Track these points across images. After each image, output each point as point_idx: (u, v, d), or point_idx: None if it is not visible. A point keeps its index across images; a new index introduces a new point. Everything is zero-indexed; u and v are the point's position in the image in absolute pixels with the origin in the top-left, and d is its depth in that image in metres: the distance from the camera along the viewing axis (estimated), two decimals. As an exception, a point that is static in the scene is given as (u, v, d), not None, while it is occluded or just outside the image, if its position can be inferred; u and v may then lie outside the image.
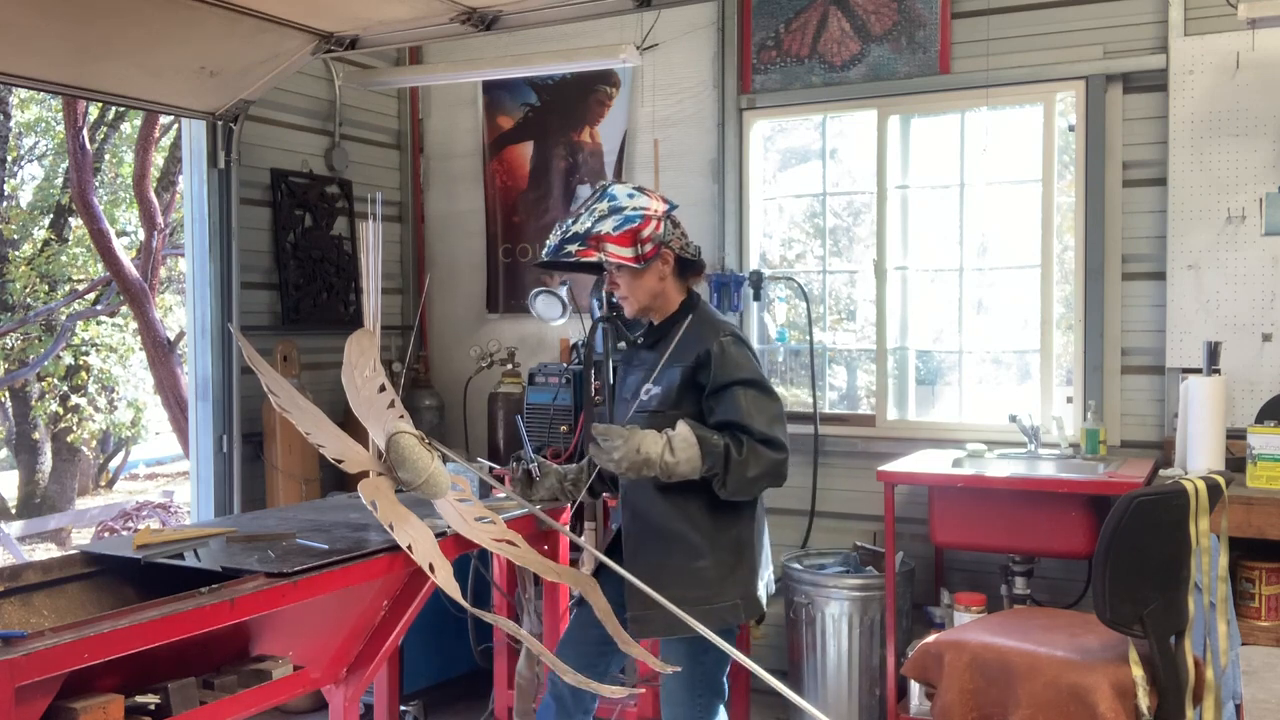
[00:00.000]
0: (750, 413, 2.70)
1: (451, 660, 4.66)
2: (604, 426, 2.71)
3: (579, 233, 2.76)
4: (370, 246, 3.01)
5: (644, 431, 2.68)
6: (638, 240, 2.75)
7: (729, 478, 2.67)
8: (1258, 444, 3.51)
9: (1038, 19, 4.32)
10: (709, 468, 2.66)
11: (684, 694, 2.82)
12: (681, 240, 2.86)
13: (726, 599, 2.78)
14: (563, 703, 2.93)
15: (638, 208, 2.76)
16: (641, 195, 2.81)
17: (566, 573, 2.70)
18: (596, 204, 2.79)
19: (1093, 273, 4.24)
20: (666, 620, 2.66)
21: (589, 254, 2.74)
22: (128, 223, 11.35)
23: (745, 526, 2.86)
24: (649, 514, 2.81)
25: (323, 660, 2.78)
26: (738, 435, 2.69)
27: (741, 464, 2.66)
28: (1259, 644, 3.42)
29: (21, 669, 1.86)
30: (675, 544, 2.78)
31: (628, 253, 2.74)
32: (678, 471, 2.65)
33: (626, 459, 2.64)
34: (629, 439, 2.66)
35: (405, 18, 3.96)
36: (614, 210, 2.75)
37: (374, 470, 2.75)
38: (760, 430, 2.69)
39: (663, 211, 2.81)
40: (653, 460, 2.64)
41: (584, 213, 2.79)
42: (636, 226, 2.74)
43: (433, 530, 2.65)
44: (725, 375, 2.73)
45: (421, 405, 5.19)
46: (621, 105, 5.09)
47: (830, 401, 4.89)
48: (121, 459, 13.07)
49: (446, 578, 2.53)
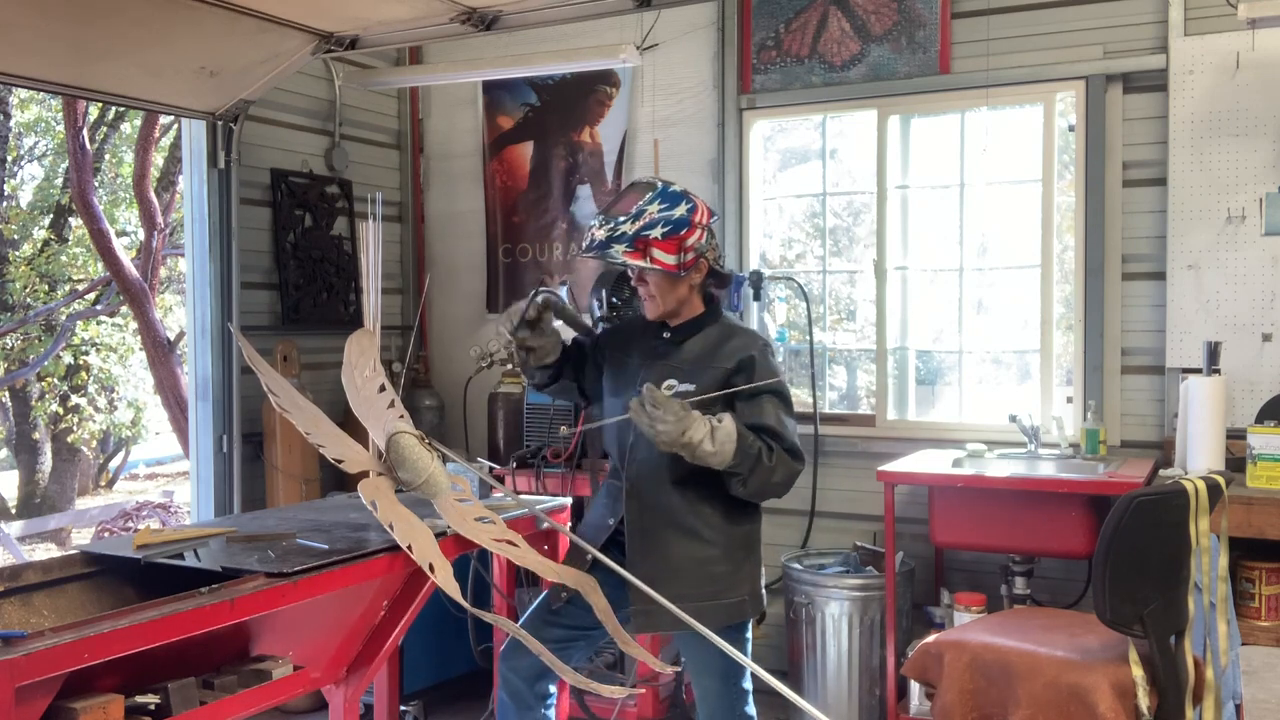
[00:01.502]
0: (781, 421, 2.75)
1: (451, 660, 4.66)
2: (661, 395, 2.63)
3: (628, 233, 2.72)
4: (370, 246, 3.01)
5: (695, 415, 2.63)
6: (682, 248, 2.74)
7: (753, 479, 2.68)
8: (1258, 444, 3.51)
9: (1038, 19, 4.32)
10: (736, 465, 2.66)
11: (721, 685, 2.83)
12: (715, 251, 2.88)
13: (736, 594, 2.81)
14: (520, 698, 2.92)
15: (687, 214, 2.76)
16: (691, 201, 2.80)
17: (567, 572, 2.70)
18: (649, 205, 2.76)
19: (1093, 273, 4.24)
20: (673, 614, 2.66)
21: (636, 257, 2.73)
22: (128, 223, 11.35)
23: (755, 524, 2.91)
24: (662, 508, 2.81)
25: (323, 660, 2.78)
26: (768, 441, 2.71)
27: (770, 469, 2.69)
28: (1259, 644, 3.42)
29: (21, 669, 1.86)
30: (688, 539, 2.79)
31: (671, 260, 2.74)
32: (708, 460, 2.65)
33: (669, 435, 2.60)
34: (681, 419, 2.60)
35: (405, 18, 3.95)
36: (665, 214, 2.73)
37: (374, 470, 2.75)
38: (789, 440, 2.73)
39: (707, 221, 2.82)
40: (693, 446, 2.61)
41: (635, 211, 2.75)
42: (683, 235, 2.74)
43: (433, 530, 2.65)
44: (762, 382, 2.75)
45: (421, 405, 5.20)
46: (621, 105, 5.09)
47: (830, 401, 4.89)
48: (121, 459, 13.07)
49: (446, 578, 2.52)
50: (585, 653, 3.06)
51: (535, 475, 4.22)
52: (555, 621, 2.91)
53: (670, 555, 2.78)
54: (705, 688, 2.87)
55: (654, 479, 2.82)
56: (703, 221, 2.79)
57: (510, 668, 2.93)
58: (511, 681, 2.93)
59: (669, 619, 2.68)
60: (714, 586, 2.78)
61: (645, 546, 2.81)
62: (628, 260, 2.74)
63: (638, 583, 2.68)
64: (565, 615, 2.90)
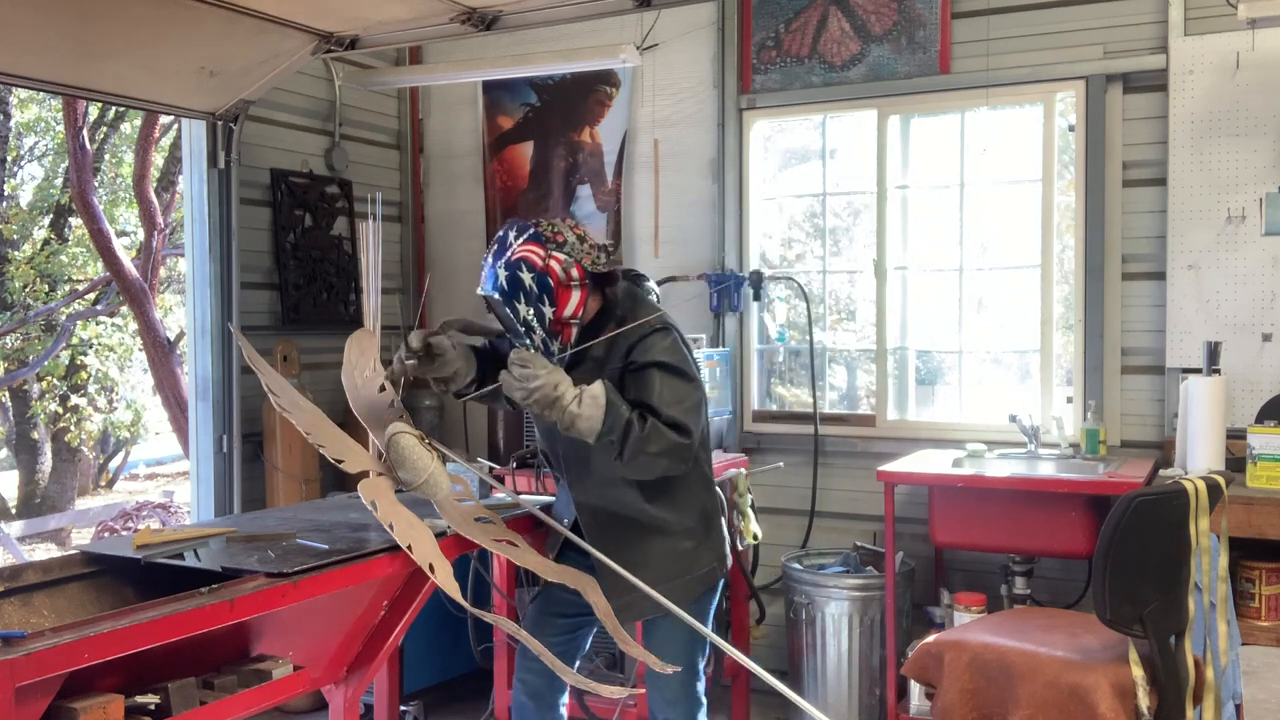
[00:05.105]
0: (662, 395, 2.70)
1: (451, 660, 4.67)
2: (529, 355, 2.66)
3: (532, 326, 2.77)
4: (370, 246, 3.01)
5: (564, 374, 2.66)
6: (553, 300, 2.74)
7: (627, 448, 2.65)
8: (1258, 444, 3.51)
9: (1038, 19, 4.32)
10: (606, 433, 2.64)
11: (684, 666, 2.83)
12: (591, 255, 2.80)
13: (703, 565, 2.86)
14: (541, 696, 2.95)
15: (534, 279, 2.72)
16: (519, 260, 2.74)
17: (566, 573, 2.69)
18: (514, 305, 2.74)
19: (1093, 273, 4.24)
20: (649, 600, 2.68)
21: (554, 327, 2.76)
22: (128, 223, 11.35)
23: (706, 496, 2.91)
24: (611, 507, 2.82)
25: (323, 660, 2.78)
26: (644, 415, 2.68)
27: (643, 439, 2.65)
28: (1259, 644, 3.42)
29: (21, 669, 1.86)
30: (646, 530, 2.81)
31: (555, 311, 2.75)
32: (576, 426, 2.63)
33: (541, 392, 2.61)
34: (552, 372, 2.64)
35: (405, 18, 3.95)
36: (529, 302, 2.74)
37: (374, 470, 2.74)
38: (668, 414, 2.68)
39: (548, 251, 2.75)
40: (562, 404, 2.62)
41: (518, 316, 2.76)
42: (552, 288, 2.73)
43: (433, 530, 2.64)
44: (644, 357, 2.74)
45: (421, 405, 5.19)
46: (621, 105, 5.09)
47: (830, 401, 4.89)
48: (121, 459, 13.07)
49: (446, 578, 2.52)
50: (589, 637, 3.08)
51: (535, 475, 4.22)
52: (557, 612, 2.94)
53: (632, 549, 2.80)
54: (662, 678, 2.86)
55: (593, 480, 2.83)
56: (548, 262, 2.71)
57: (528, 667, 2.94)
58: (531, 681, 2.93)
59: (649, 606, 2.71)
60: (681, 564, 2.82)
61: (604, 546, 2.81)
62: (538, 337, 2.75)
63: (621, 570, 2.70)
64: (564, 605, 2.92)
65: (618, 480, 2.78)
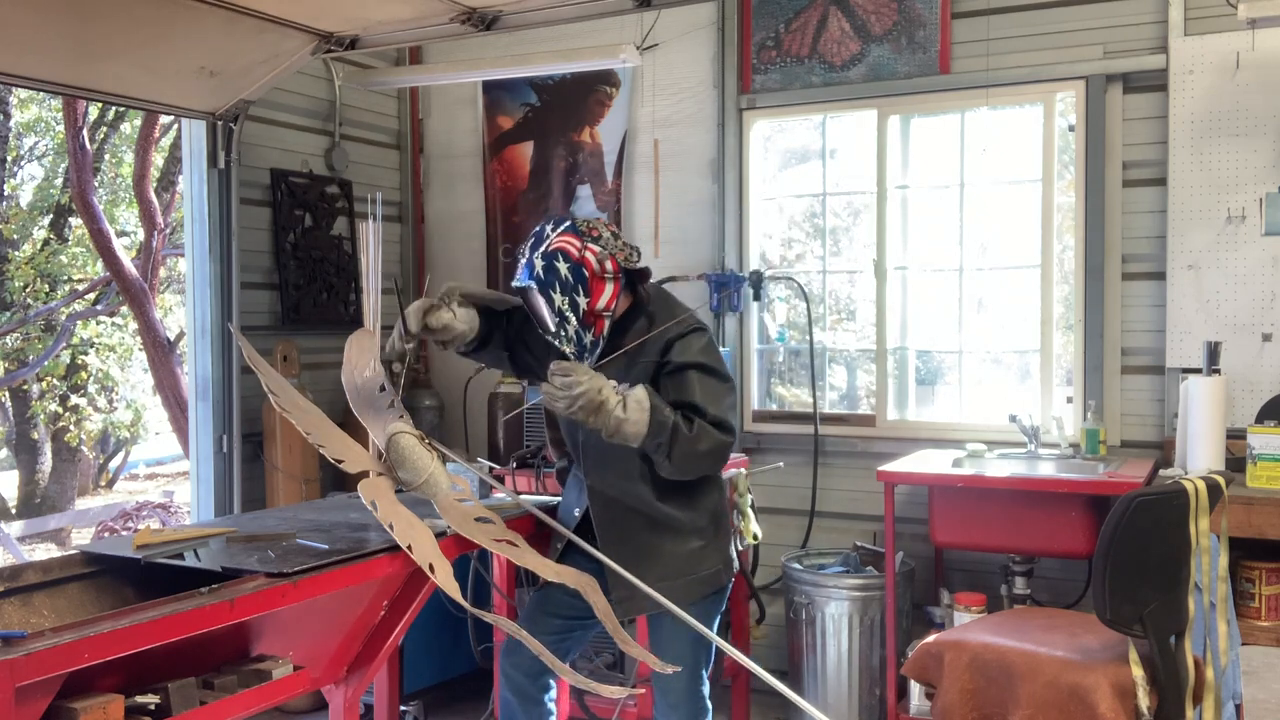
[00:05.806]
0: (706, 396, 2.73)
1: (451, 660, 4.67)
2: (569, 364, 2.67)
3: (576, 316, 2.82)
4: (370, 246, 3.01)
5: (605, 380, 2.66)
6: (588, 290, 2.79)
7: (675, 451, 2.67)
8: (1258, 444, 3.51)
9: (1038, 19, 4.32)
10: (654, 437, 2.65)
11: (689, 666, 2.84)
12: (624, 252, 2.87)
13: (709, 566, 2.86)
14: (525, 693, 2.95)
15: (570, 270, 2.78)
16: (558, 252, 2.80)
17: (567, 572, 2.69)
18: (555, 300, 2.79)
19: (1093, 273, 4.24)
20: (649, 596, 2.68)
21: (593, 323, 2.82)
22: (127, 223, 11.35)
23: (719, 497, 2.94)
24: (625, 500, 2.83)
25: (323, 660, 2.78)
26: (689, 415, 2.70)
27: (692, 439, 2.67)
28: (1259, 644, 3.42)
29: (21, 669, 1.86)
30: (656, 525, 2.81)
31: (591, 302, 2.81)
32: (622, 431, 2.64)
33: (586, 398, 2.60)
34: (594, 377, 2.63)
35: (405, 18, 3.96)
36: (569, 292, 2.79)
37: (374, 470, 2.75)
38: (714, 414, 2.71)
39: (584, 243, 2.81)
40: (607, 409, 2.61)
41: (555, 311, 2.80)
42: (587, 279, 2.79)
43: (433, 530, 2.65)
44: (682, 357, 2.75)
45: (421, 405, 5.19)
46: (621, 105, 5.09)
47: (830, 401, 4.89)
48: (121, 459, 13.07)
49: (446, 578, 2.52)
50: (584, 640, 3.08)
51: (535, 475, 4.22)
52: (553, 611, 2.94)
53: (640, 543, 2.81)
54: (668, 681, 2.87)
55: (612, 473, 2.83)
56: (583, 253, 2.76)
57: (512, 664, 2.94)
58: (514, 678, 2.94)
59: (651, 602, 2.71)
60: (688, 563, 2.82)
61: (615, 537, 2.83)
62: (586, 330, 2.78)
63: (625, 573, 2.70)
64: (560, 605, 2.92)
65: (634, 474, 2.79)
